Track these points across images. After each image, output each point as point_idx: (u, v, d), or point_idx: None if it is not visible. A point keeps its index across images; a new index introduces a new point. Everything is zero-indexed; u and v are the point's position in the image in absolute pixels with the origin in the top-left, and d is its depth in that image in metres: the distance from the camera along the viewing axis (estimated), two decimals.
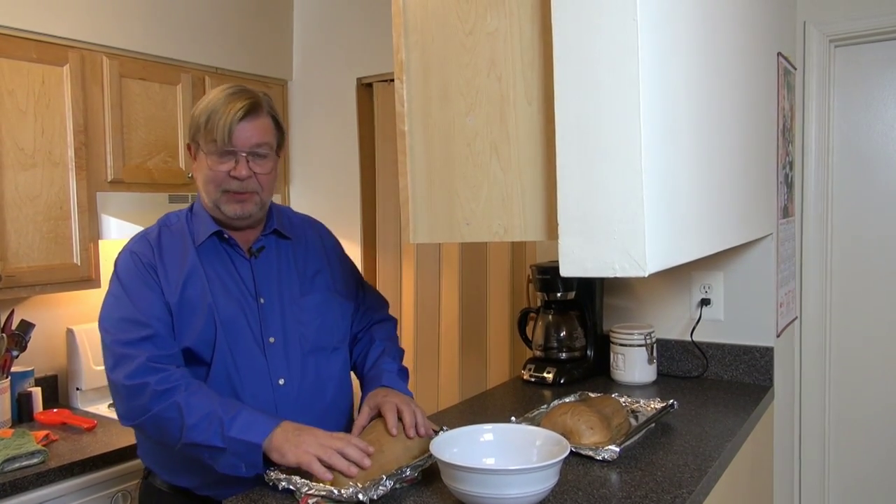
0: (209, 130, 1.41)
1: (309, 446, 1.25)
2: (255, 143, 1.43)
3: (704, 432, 1.57)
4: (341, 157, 3.18)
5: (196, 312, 1.43)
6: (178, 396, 1.32)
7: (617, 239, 0.97)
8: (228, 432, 1.27)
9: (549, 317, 2.15)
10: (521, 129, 1.09)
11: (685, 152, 1.14)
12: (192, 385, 1.35)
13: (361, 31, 3.09)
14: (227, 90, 1.45)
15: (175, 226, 1.52)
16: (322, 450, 1.24)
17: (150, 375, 1.34)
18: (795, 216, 2.37)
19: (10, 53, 2.18)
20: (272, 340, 1.48)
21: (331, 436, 1.29)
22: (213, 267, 1.48)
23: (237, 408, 1.32)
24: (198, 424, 1.29)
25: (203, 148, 1.44)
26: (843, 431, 2.41)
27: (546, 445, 1.23)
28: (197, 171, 1.48)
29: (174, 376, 1.35)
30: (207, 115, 1.42)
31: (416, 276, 3.00)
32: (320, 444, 1.25)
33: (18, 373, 2.34)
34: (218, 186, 1.44)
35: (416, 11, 1.19)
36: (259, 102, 1.45)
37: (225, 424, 1.28)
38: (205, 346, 1.43)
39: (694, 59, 1.19)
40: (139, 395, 1.34)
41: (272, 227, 1.55)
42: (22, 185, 2.21)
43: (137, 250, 1.47)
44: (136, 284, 1.43)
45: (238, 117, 1.40)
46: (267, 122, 1.46)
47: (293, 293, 1.53)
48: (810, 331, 2.41)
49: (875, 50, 2.31)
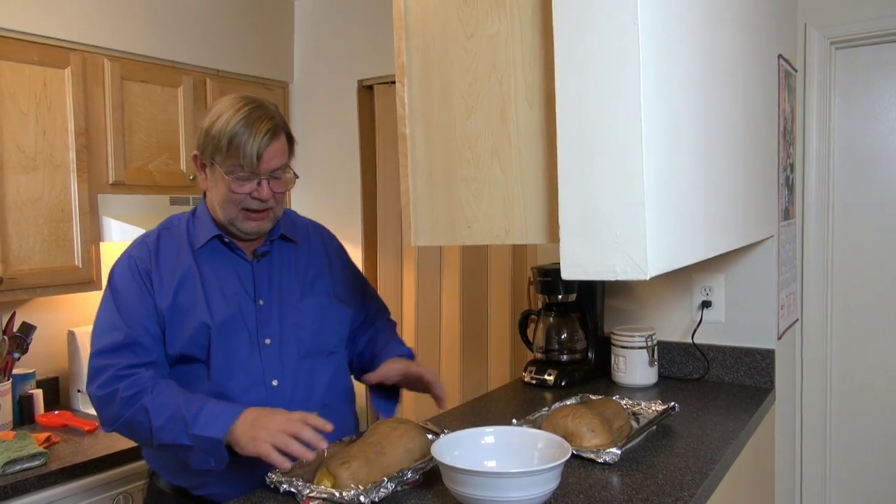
0: (232, 154, 1.40)
1: (265, 436, 1.25)
2: (275, 166, 1.45)
3: (706, 435, 1.57)
4: (342, 160, 3.18)
5: (188, 315, 1.44)
6: (144, 400, 1.35)
7: (618, 242, 0.97)
8: (192, 430, 1.30)
9: (550, 319, 2.15)
10: (523, 131, 1.09)
11: (686, 155, 1.14)
12: (157, 386, 1.38)
13: (362, 33, 3.09)
14: (242, 108, 1.42)
15: (175, 229, 1.53)
16: (277, 437, 1.24)
17: (119, 382, 1.38)
18: (796, 218, 2.37)
19: (11, 56, 2.19)
20: (268, 342, 1.49)
21: (288, 418, 1.28)
22: (212, 269, 1.49)
23: (199, 404, 1.34)
24: (164, 426, 1.33)
25: (221, 168, 1.43)
26: (844, 434, 2.41)
27: (547, 448, 1.23)
28: (210, 187, 1.48)
29: (141, 380, 1.38)
30: (228, 138, 1.40)
31: (417, 278, 3.00)
32: (276, 430, 1.25)
33: (20, 375, 2.35)
34: (237, 205, 1.45)
35: (418, 15, 1.19)
36: (277, 123, 1.45)
37: (188, 423, 1.30)
38: (197, 348, 1.45)
39: (695, 61, 1.19)
40: (111, 403, 1.38)
41: (279, 232, 1.56)
42: (23, 188, 2.21)
43: (135, 255, 1.49)
44: (126, 291, 1.45)
45: (265, 145, 1.41)
46: (284, 141, 1.47)
47: (293, 296, 1.54)
48: (811, 333, 2.41)
49: (876, 52, 2.31)
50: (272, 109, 1.47)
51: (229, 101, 1.46)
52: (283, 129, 1.48)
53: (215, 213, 1.49)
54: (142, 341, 1.42)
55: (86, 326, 2.57)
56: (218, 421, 1.30)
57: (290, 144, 1.50)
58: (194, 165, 1.51)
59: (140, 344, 1.42)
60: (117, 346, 1.41)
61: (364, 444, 1.32)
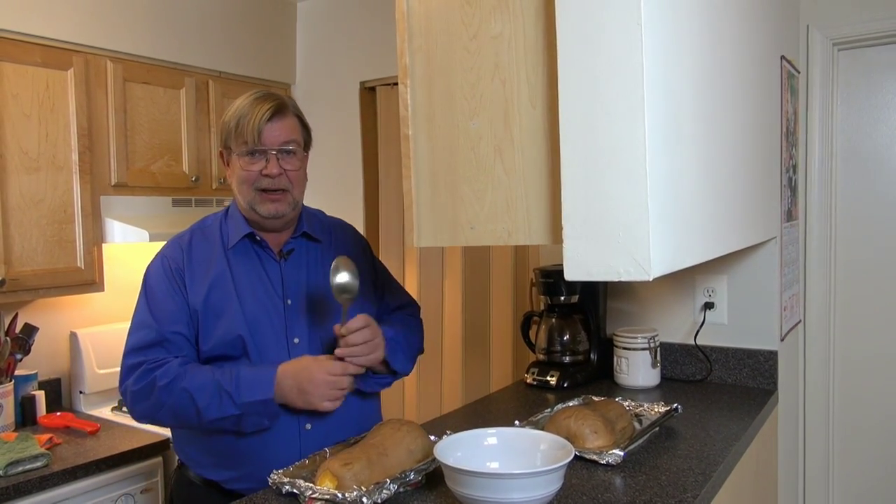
0: (239, 133, 1.48)
1: (317, 393, 1.40)
2: (283, 140, 1.50)
3: (708, 436, 1.57)
4: (344, 161, 3.18)
5: (221, 315, 1.49)
6: (183, 383, 1.42)
7: (622, 243, 0.97)
8: (239, 399, 1.39)
9: (552, 320, 2.14)
10: (526, 132, 1.09)
11: (689, 156, 1.14)
12: (188, 370, 1.44)
13: (364, 35, 3.10)
14: (252, 95, 1.52)
15: (209, 228, 1.59)
16: (327, 392, 1.41)
17: (153, 373, 1.44)
18: (799, 220, 2.37)
19: (15, 57, 2.19)
20: (297, 341, 1.53)
21: (326, 374, 1.41)
22: (244, 268, 1.54)
23: (234, 374, 1.42)
24: (210, 403, 1.40)
25: (235, 150, 1.51)
26: (847, 435, 2.41)
27: (550, 449, 1.23)
28: (231, 175, 1.55)
29: (172, 367, 1.44)
30: (237, 119, 1.49)
31: (419, 279, 3.00)
32: (323, 385, 1.40)
33: (22, 376, 2.35)
34: (251, 186, 1.50)
35: (421, 16, 1.19)
36: (285, 103, 1.52)
37: (232, 394, 1.39)
38: (231, 347, 1.48)
39: (698, 63, 1.19)
40: (149, 395, 1.44)
41: (302, 229, 1.60)
42: (26, 189, 2.22)
43: (168, 255, 1.55)
44: (158, 291, 1.51)
45: (266, 118, 1.47)
46: (293, 121, 1.54)
47: (319, 295, 1.57)
48: (814, 334, 2.40)
49: (879, 53, 2.31)
50: (283, 96, 1.54)
51: (245, 94, 1.54)
52: (293, 111, 1.54)
53: (243, 207, 1.54)
54: (172, 339, 1.47)
55: (88, 328, 2.58)
56: (261, 384, 1.40)
57: (304, 130, 1.57)
58: (221, 162, 1.58)
59: (170, 341, 1.47)
60: (149, 343, 1.47)
61: (366, 445, 1.32)
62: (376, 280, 1.71)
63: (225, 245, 1.55)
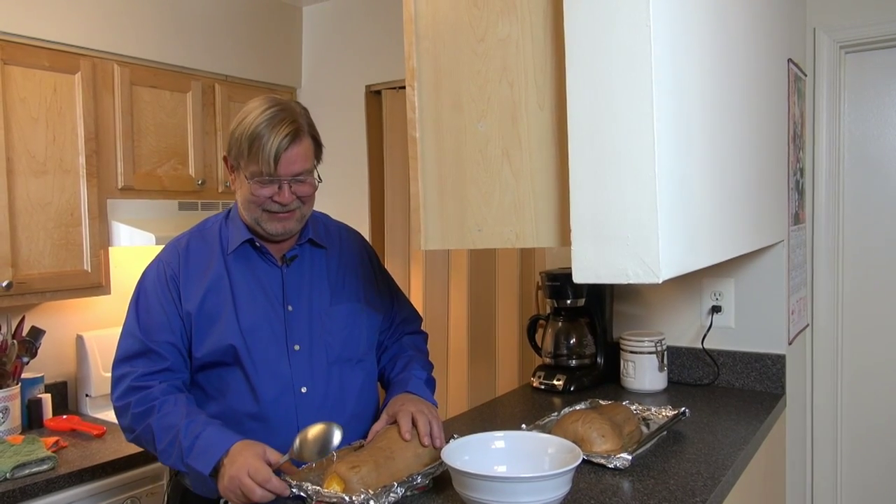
0: (252, 157, 1.40)
1: (226, 484, 1.27)
2: (296, 171, 1.43)
3: (717, 440, 1.56)
4: (350, 165, 3.18)
5: (216, 321, 1.45)
6: (151, 419, 1.39)
7: (630, 245, 0.97)
8: (186, 459, 1.33)
9: (558, 324, 2.14)
10: (534, 134, 1.09)
11: (698, 158, 1.14)
12: (165, 404, 1.39)
13: (370, 38, 3.10)
14: (267, 110, 1.41)
15: (209, 231, 1.54)
16: (234, 490, 1.25)
17: (132, 395, 1.42)
18: (806, 223, 2.36)
19: (22, 61, 2.20)
20: (297, 348, 1.48)
21: (252, 473, 1.24)
22: (243, 274, 1.49)
23: (197, 431, 1.34)
24: (166, 449, 1.37)
25: (244, 171, 1.43)
26: (855, 439, 2.39)
27: (558, 453, 1.22)
28: (237, 188, 1.48)
29: (152, 395, 1.41)
30: (250, 140, 1.39)
31: (425, 282, 3.00)
32: (235, 482, 1.25)
33: (28, 379, 2.35)
34: (259, 206, 1.44)
35: (428, 18, 1.19)
36: (301, 127, 1.43)
37: (184, 451, 1.33)
38: (223, 354, 1.45)
39: (706, 64, 1.19)
40: (125, 416, 1.44)
41: (307, 236, 1.55)
42: (33, 192, 2.22)
43: (165, 259, 1.50)
44: (149, 297, 1.47)
45: (283, 147, 1.39)
46: (308, 144, 1.45)
47: (323, 302, 1.53)
48: (822, 338, 2.39)
49: (885, 56, 2.30)
50: (298, 111, 1.45)
51: (257, 102, 1.45)
52: (309, 133, 1.46)
53: (247, 220, 1.49)
54: (157, 349, 1.44)
55: (95, 331, 2.58)
56: (208, 454, 1.31)
57: (317, 149, 1.50)
58: (225, 166, 1.52)
59: (154, 352, 1.44)
60: (134, 353, 1.44)
61: (374, 448, 1.32)
62: (383, 289, 1.68)
63: (224, 249, 1.50)
